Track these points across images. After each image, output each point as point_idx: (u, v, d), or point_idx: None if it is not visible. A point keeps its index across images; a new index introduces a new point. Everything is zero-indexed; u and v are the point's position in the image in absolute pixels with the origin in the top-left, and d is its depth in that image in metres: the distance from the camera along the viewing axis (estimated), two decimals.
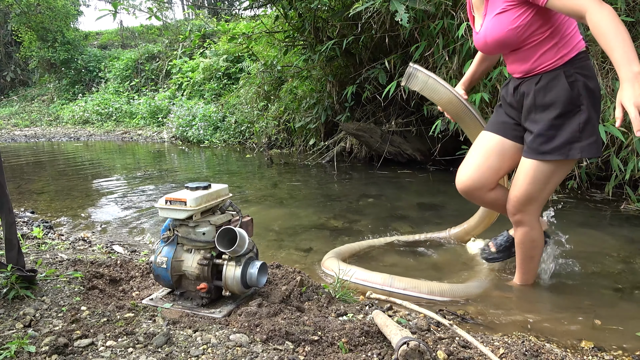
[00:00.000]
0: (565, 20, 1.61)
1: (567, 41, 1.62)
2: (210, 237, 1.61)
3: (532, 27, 1.60)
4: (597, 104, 1.65)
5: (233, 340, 1.33)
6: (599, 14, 1.34)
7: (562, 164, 1.69)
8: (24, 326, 1.37)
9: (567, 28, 1.62)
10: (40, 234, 2.60)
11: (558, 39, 1.62)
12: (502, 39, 1.65)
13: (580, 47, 1.64)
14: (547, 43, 1.62)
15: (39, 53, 15.66)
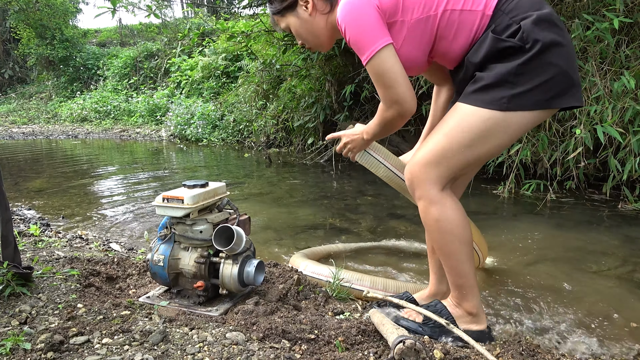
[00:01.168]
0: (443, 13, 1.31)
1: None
2: (208, 235, 1.60)
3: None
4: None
5: (229, 338, 1.32)
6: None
7: (487, 117, 1.28)
8: (20, 323, 1.37)
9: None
10: (37, 231, 2.59)
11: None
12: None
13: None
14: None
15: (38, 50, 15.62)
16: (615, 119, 3.11)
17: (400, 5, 1.30)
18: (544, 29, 1.22)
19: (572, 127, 3.38)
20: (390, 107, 1.31)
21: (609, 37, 3.22)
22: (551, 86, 1.25)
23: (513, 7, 1.26)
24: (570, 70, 1.26)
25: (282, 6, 1.46)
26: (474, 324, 1.46)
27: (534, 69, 1.23)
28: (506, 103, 1.25)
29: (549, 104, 1.27)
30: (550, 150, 3.58)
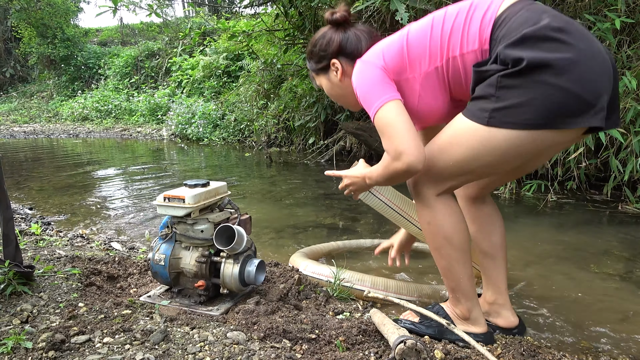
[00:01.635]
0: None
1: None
2: (209, 234, 1.60)
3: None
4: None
5: (230, 337, 1.33)
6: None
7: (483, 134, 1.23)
8: (21, 322, 1.37)
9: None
10: (38, 230, 2.60)
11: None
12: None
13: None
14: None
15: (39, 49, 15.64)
16: None
17: (406, 63, 1.33)
18: (530, 46, 1.12)
19: None
20: (395, 159, 1.26)
21: (611, 37, 3.21)
22: (546, 106, 1.13)
23: (505, 32, 1.18)
24: (579, 89, 1.11)
25: (316, 67, 1.56)
26: (473, 327, 1.46)
27: (518, 85, 1.14)
28: (487, 117, 1.20)
29: (546, 125, 1.15)
30: None
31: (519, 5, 1.21)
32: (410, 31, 1.35)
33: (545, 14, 1.16)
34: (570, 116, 1.14)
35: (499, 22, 1.21)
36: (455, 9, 1.30)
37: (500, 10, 1.22)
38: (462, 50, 1.26)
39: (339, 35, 1.50)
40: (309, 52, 1.57)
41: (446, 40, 1.28)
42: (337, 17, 1.50)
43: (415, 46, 1.32)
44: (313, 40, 1.56)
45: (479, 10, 1.25)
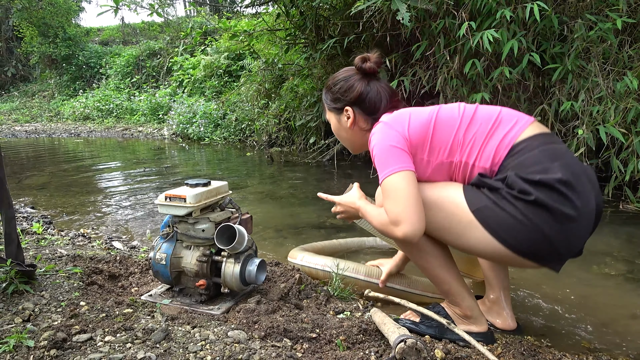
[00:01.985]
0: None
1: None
2: (210, 234, 1.61)
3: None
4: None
5: (231, 336, 1.33)
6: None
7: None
8: (23, 321, 1.38)
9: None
10: (39, 229, 2.61)
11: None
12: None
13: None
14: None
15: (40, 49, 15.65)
16: (618, 119, 3.11)
17: (427, 144, 1.36)
18: (540, 190, 1.19)
19: (575, 128, 3.38)
20: (393, 224, 1.28)
21: (612, 37, 3.21)
22: (526, 237, 1.22)
23: (516, 164, 1.25)
24: (561, 246, 1.22)
25: (331, 105, 1.59)
26: (474, 326, 1.47)
27: (517, 207, 1.21)
28: (476, 207, 1.26)
29: (513, 248, 1.24)
30: None
31: (538, 141, 1.27)
32: (439, 114, 1.38)
33: (557, 162, 1.22)
34: (538, 258, 1.25)
35: (514, 151, 1.27)
36: (484, 113, 1.35)
37: (520, 137, 1.29)
38: (475, 162, 1.32)
39: (362, 85, 1.51)
40: (327, 87, 1.59)
41: (467, 145, 1.33)
42: (367, 67, 1.51)
43: (441, 133, 1.36)
44: (335, 78, 1.56)
45: (502, 128, 1.31)
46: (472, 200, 1.28)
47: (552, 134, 1.34)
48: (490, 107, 1.39)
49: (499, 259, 1.31)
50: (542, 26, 3.39)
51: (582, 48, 3.34)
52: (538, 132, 1.30)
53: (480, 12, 3.50)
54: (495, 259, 1.34)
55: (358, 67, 1.52)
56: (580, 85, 3.36)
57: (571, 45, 3.36)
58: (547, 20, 3.31)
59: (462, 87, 3.78)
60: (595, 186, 1.27)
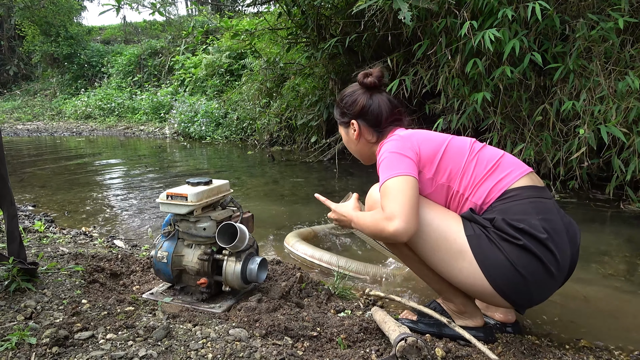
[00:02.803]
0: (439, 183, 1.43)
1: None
2: (211, 232, 1.61)
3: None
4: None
5: (232, 334, 1.33)
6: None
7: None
8: (25, 318, 1.38)
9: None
10: (41, 227, 2.61)
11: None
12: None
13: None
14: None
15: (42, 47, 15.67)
16: (620, 119, 3.10)
17: (435, 164, 1.42)
18: (526, 238, 1.27)
19: (576, 127, 3.38)
20: (387, 220, 1.30)
21: (614, 36, 3.21)
22: (505, 275, 1.27)
23: (504, 209, 1.32)
24: (535, 292, 1.31)
25: (339, 119, 1.68)
26: (470, 321, 1.47)
27: (499, 242, 1.29)
28: (471, 234, 1.31)
29: (490, 282, 1.29)
30: (554, 150, 3.58)
31: (528, 192, 1.35)
32: (452, 141, 1.45)
33: (541, 216, 1.30)
34: (511, 298, 1.31)
35: (505, 196, 1.34)
36: (488, 154, 1.42)
37: (514, 185, 1.36)
38: (469, 197, 1.39)
39: (364, 99, 1.59)
40: (337, 103, 1.68)
41: (466, 178, 1.40)
42: (368, 81, 1.58)
43: (450, 157, 1.42)
44: (342, 94, 1.66)
45: (499, 172, 1.38)
46: (468, 228, 1.34)
47: (544, 187, 1.41)
48: (495, 149, 1.46)
49: (473, 290, 1.35)
50: (543, 25, 3.39)
51: (583, 47, 3.34)
52: (530, 184, 1.37)
53: (481, 12, 3.50)
54: (469, 289, 1.36)
55: (360, 82, 1.60)
56: (581, 85, 3.35)
57: (573, 45, 3.36)
58: (548, 20, 3.31)
59: (464, 87, 3.78)
60: (575, 243, 1.36)
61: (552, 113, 3.50)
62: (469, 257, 1.31)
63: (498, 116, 3.73)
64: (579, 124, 3.34)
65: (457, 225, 1.35)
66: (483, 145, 1.46)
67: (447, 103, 3.98)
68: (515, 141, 3.74)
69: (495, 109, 3.77)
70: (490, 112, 3.79)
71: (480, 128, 3.92)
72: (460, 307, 1.48)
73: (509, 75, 3.39)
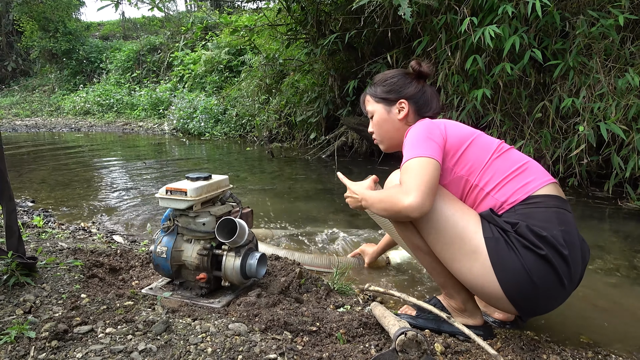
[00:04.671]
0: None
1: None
2: (210, 227, 1.61)
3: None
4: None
5: (232, 329, 1.33)
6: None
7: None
8: (24, 312, 1.38)
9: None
10: (40, 222, 2.61)
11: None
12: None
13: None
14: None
15: (41, 43, 15.61)
16: (619, 116, 3.10)
17: (458, 154, 1.41)
18: (547, 247, 1.26)
19: (576, 124, 3.38)
20: (404, 193, 1.29)
21: (614, 33, 3.21)
22: (518, 282, 1.27)
23: (527, 214, 1.31)
24: (542, 302, 1.30)
25: (382, 96, 1.60)
26: (470, 319, 1.47)
27: (519, 249, 1.27)
28: (489, 236, 1.30)
29: (505, 287, 1.28)
30: (553, 147, 3.58)
31: (554, 202, 1.34)
32: (480, 135, 1.45)
33: (563, 228, 1.29)
34: (519, 305, 1.30)
35: (530, 200, 1.33)
36: (515, 155, 1.41)
37: (539, 191, 1.35)
38: (491, 192, 1.37)
39: (419, 84, 1.58)
40: (380, 80, 1.61)
41: (488, 173, 1.38)
42: (425, 70, 1.58)
43: (475, 150, 1.40)
44: (388, 74, 1.62)
45: (526, 175, 1.37)
46: (487, 229, 1.32)
47: (566, 200, 1.40)
48: (522, 154, 1.45)
49: (479, 290, 1.34)
50: (544, 22, 3.39)
51: (583, 44, 3.33)
52: (556, 194, 1.37)
53: (482, 8, 3.49)
54: (475, 288, 1.36)
55: (415, 69, 1.59)
56: (581, 82, 3.35)
57: (573, 42, 3.35)
58: (549, 17, 3.30)
59: (463, 83, 3.78)
60: (585, 260, 1.36)
61: (551, 110, 3.50)
62: (483, 259, 1.29)
63: (498, 113, 3.73)
64: (578, 121, 3.34)
65: (475, 224, 1.33)
66: (510, 147, 1.45)
67: (446, 100, 3.98)
68: (515, 138, 3.74)
69: (495, 105, 3.77)
70: (489, 108, 3.79)
71: (480, 125, 3.91)
72: (461, 304, 1.47)
73: (509, 72, 3.39)
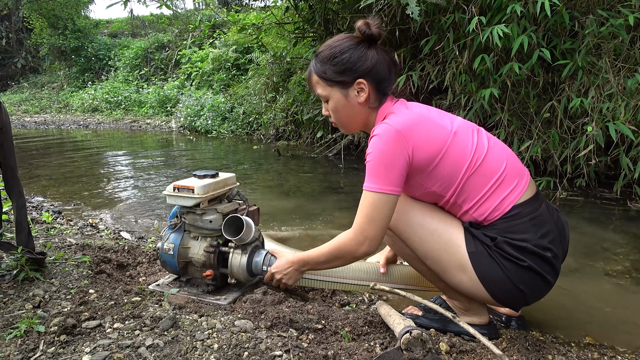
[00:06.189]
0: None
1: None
2: (217, 225, 1.62)
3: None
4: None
5: (238, 326, 1.34)
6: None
7: None
8: (34, 307, 1.40)
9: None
10: (49, 218, 2.63)
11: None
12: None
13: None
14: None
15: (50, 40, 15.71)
16: (628, 116, 3.08)
17: (428, 171, 1.33)
18: (529, 258, 1.29)
19: (584, 124, 3.35)
20: (358, 239, 1.34)
21: (624, 33, 3.18)
22: (505, 291, 1.32)
23: (506, 228, 1.31)
24: (531, 297, 1.35)
25: (336, 78, 1.37)
26: (475, 317, 1.47)
27: (502, 261, 1.30)
28: (472, 247, 1.31)
29: (495, 296, 1.33)
30: (561, 147, 3.56)
31: (528, 208, 1.32)
32: (451, 145, 1.31)
33: (539, 233, 1.30)
34: (509, 304, 1.37)
35: (510, 214, 1.31)
36: (491, 166, 1.33)
37: (521, 198, 1.32)
38: (470, 211, 1.35)
39: (373, 53, 1.35)
40: (328, 57, 1.37)
41: (466, 191, 1.33)
42: (375, 32, 1.34)
43: (446, 167, 1.32)
44: (336, 47, 1.37)
45: (503, 187, 1.32)
46: (470, 243, 1.33)
47: (538, 192, 1.40)
48: (499, 152, 1.36)
49: (472, 296, 1.39)
50: (552, 22, 3.37)
51: (593, 44, 3.31)
52: (530, 197, 1.35)
53: (490, 7, 3.47)
54: (468, 295, 1.40)
55: (364, 33, 1.34)
56: (590, 82, 3.33)
57: (582, 41, 3.33)
58: (558, 16, 3.28)
59: (471, 83, 3.76)
60: (565, 238, 1.39)
61: (559, 110, 3.48)
62: (470, 272, 1.32)
63: (505, 113, 3.71)
64: (587, 122, 3.32)
65: (459, 237, 1.34)
66: (487, 149, 1.33)
67: (454, 99, 3.96)
68: (522, 138, 3.72)
69: (502, 105, 3.75)
70: (497, 108, 3.77)
71: (488, 124, 3.90)
72: (465, 304, 1.47)
73: (517, 72, 3.37)
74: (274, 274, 1.57)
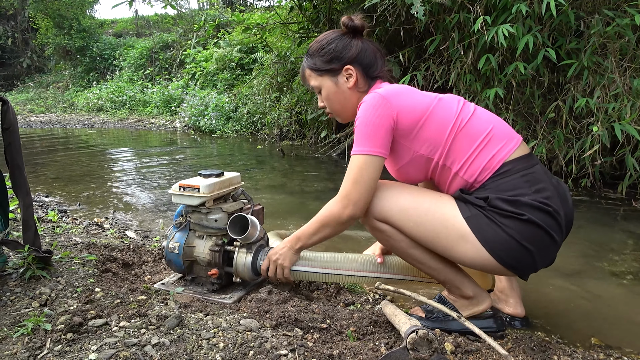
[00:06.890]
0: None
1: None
2: (222, 224, 1.62)
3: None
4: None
5: (243, 324, 1.35)
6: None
7: None
8: (40, 305, 1.41)
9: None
10: (55, 217, 2.65)
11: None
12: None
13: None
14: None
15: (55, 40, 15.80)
16: (634, 116, 3.07)
17: (414, 133, 1.37)
18: (526, 210, 1.27)
19: (589, 125, 3.34)
20: (345, 205, 1.37)
21: (630, 33, 3.16)
22: (510, 251, 1.28)
23: (497, 186, 1.31)
24: (540, 259, 1.31)
25: (325, 67, 1.49)
26: (477, 306, 1.47)
27: (499, 219, 1.28)
28: (467, 213, 1.31)
29: (500, 259, 1.29)
30: (566, 147, 3.55)
31: (519, 165, 1.32)
32: (436, 108, 1.37)
33: (533, 188, 1.29)
34: (518, 269, 1.32)
35: (498, 172, 1.32)
36: (477, 123, 1.35)
37: (511, 156, 1.33)
38: (459, 172, 1.36)
39: (358, 42, 1.47)
40: (316, 49, 1.50)
41: (453, 151, 1.35)
42: (358, 24, 1.47)
43: (431, 128, 1.36)
44: (323, 41, 1.50)
45: (491, 146, 1.33)
46: (464, 210, 1.32)
47: (531, 153, 1.39)
48: (486, 116, 1.39)
49: (481, 267, 1.35)
50: (558, 21, 3.36)
51: (598, 44, 3.30)
52: (521, 154, 1.35)
53: (495, 7, 3.47)
54: (475, 266, 1.36)
55: (348, 26, 1.48)
56: (595, 82, 3.32)
57: (587, 41, 3.32)
58: (563, 16, 3.27)
59: (476, 83, 3.75)
60: (567, 202, 1.36)
61: (565, 110, 3.47)
62: (472, 239, 1.30)
63: (510, 112, 3.70)
64: (592, 122, 3.31)
65: (452, 209, 1.33)
66: (472, 112, 1.38)
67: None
68: (527, 138, 3.71)
69: (507, 105, 3.75)
70: (502, 108, 3.77)
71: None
72: (467, 292, 1.47)
73: (522, 72, 3.36)
74: (269, 257, 1.56)
